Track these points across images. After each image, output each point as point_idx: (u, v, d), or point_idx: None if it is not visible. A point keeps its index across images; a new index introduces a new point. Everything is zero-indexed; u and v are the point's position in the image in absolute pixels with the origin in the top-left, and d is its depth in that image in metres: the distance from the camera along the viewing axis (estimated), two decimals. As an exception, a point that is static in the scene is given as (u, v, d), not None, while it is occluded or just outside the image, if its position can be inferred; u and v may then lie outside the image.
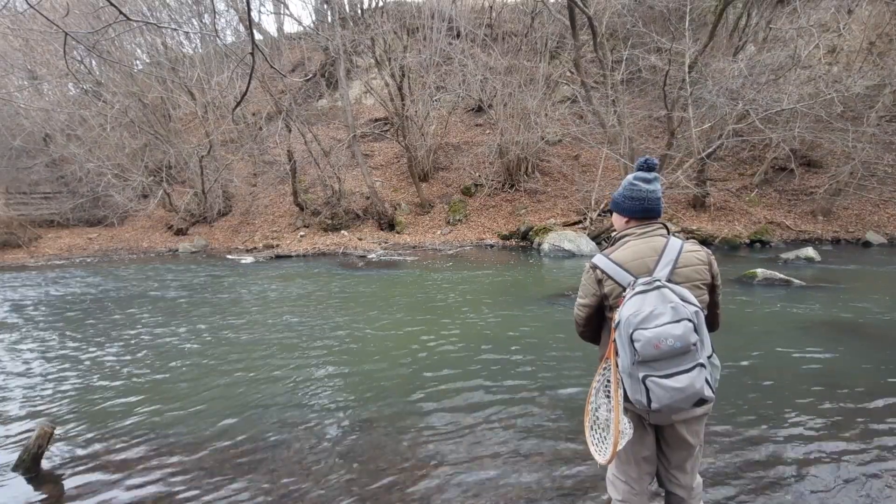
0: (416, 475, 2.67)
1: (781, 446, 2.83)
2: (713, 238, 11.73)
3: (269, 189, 17.59)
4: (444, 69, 16.62)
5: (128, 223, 17.06)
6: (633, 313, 1.43)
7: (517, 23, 19.75)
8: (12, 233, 14.76)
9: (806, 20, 11.18)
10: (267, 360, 4.66)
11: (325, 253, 13.00)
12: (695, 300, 1.45)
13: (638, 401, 1.44)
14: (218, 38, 17.30)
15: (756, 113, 10.94)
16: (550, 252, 11.30)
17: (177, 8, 18.79)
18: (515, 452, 2.85)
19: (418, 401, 3.61)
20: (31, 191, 17.41)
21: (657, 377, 1.39)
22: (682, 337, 1.36)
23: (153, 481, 2.72)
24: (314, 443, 3.06)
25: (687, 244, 1.61)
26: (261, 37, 22.93)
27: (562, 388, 3.74)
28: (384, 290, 7.91)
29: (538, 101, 14.13)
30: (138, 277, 9.99)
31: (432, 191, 16.34)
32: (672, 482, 1.73)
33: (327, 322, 5.94)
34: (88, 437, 3.26)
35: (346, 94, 16.29)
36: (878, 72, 12.58)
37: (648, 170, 1.67)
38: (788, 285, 7.03)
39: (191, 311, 6.84)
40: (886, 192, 12.66)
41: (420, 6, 18.93)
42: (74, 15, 14.40)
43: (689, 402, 1.39)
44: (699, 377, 1.38)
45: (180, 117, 19.86)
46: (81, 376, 4.42)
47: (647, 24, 13.84)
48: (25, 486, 2.74)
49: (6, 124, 16.67)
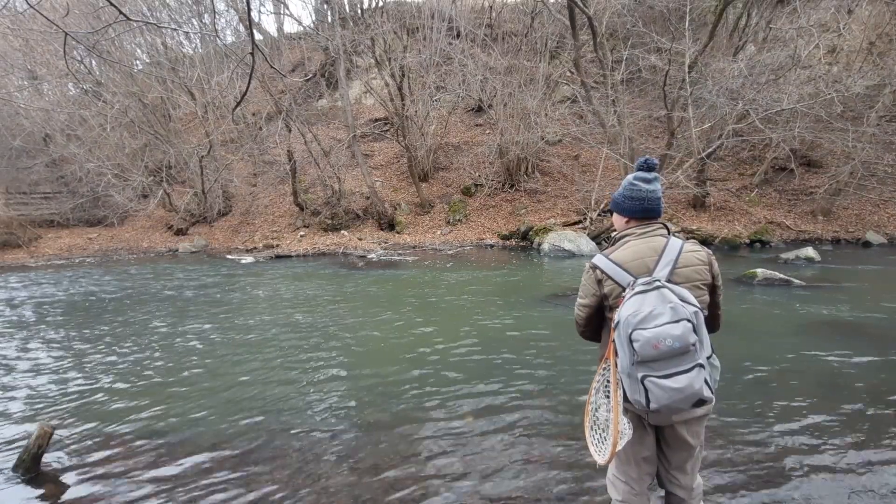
0: (416, 475, 2.67)
1: (781, 446, 2.83)
2: (713, 238, 11.73)
3: (269, 189, 17.58)
4: (444, 69, 16.61)
5: (128, 223, 17.06)
6: (633, 313, 1.42)
7: (517, 23, 19.75)
8: (12, 233, 14.75)
9: (806, 20, 11.18)
10: (267, 360, 4.66)
11: (325, 253, 13.00)
12: (694, 300, 1.45)
13: (637, 401, 1.44)
14: (218, 38, 17.32)
15: (756, 113, 10.93)
16: (550, 252, 11.30)
17: (177, 8, 18.80)
18: (516, 452, 2.85)
19: (418, 401, 3.61)
20: (31, 191, 17.40)
21: (656, 377, 1.38)
22: (680, 337, 1.36)
23: (153, 481, 2.72)
24: (314, 443, 3.06)
25: (687, 244, 1.60)
26: (261, 37, 22.94)
27: (562, 388, 3.74)
28: (384, 290, 7.91)
29: (538, 101, 14.13)
30: (138, 277, 9.99)
31: (432, 191, 16.34)
32: (672, 483, 1.73)
33: (327, 322, 5.94)
34: (88, 437, 3.26)
35: (346, 94, 16.29)
36: (878, 72, 12.58)
37: (648, 170, 1.67)
38: (788, 285, 7.03)
39: (190, 311, 6.84)
40: (886, 192, 12.65)
41: (420, 6, 18.93)
42: (74, 15, 14.39)
43: (688, 402, 1.39)
44: (698, 377, 1.37)
45: (180, 117, 19.86)
46: (81, 376, 4.42)
47: (647, 24, 13.84)
48: (25, 486, 2.74)
49: (6, 124, 16.66)
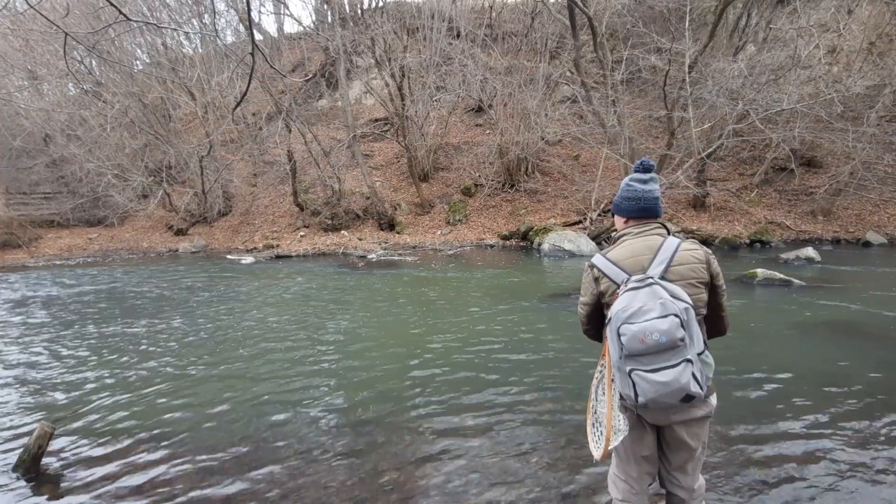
0: (416, 475, 2.67)
1: (781, 446, 2.82)
2: (713, 238, 11.73)
3: (269, 189, 17.59)
4: (444, 69, 16.62)
5: (128, 223, 17.06)
6: (622, 308, 1.45)
7: (517, 23, 19.77)
8: (12, 233, 14.76)
9: (806, 20, 11.19)
10: (267, 360, 4.66)
11: (325, 253, 13.00)
12: (686, 297, 1.46)
13: (627, 395, 1.47)
14: (218, 38, 17.33)
15: (756, 113, 10.94)
16: (550, 252, 11.30)
17: (177, 8, 18.81)
18: (516, 452, 2.85)
19: (419, 401, 3.61)
20: (32, 191, 17.41)
21: (642, 371, 1.40)
22: (667, 332, 1.37)
23: (153, 481, 2.72)
24: (314, 443, 3.06)
25: (685, 243, 1.61)
26: (261, 37, 22.95)
27: (562, 388, 3.74)
28: (384, 290, 7.91)
29: (538, 101, 14.13)
30: (138, 278, 9.99)
31: (432, 191, 16.34)
32: (673, 483, 1.72)
33: (327, 322, 5.94)
34: (88, 438, 3.26)
35: (346, 94, 16.30)
36: (878, 72, 12.57)
37: (644, 171, 1.71)
38: (788, 285, 7.03)
39: (191, 311, 6.84)
40: (886, 192, 12.65)
41: (420, 6, 18.94)
42: (74, 15, 14.40)
43: (675, 397, 1.39)
44: (685, 372, 1.38)
45: (180, 117, 19.88)
46: (81, 376, 4.42)
47: (647, 24, 13.84)
48: (25, 486, 2.74)
49: (6, 124, 16.67)
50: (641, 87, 15.67)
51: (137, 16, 14.50)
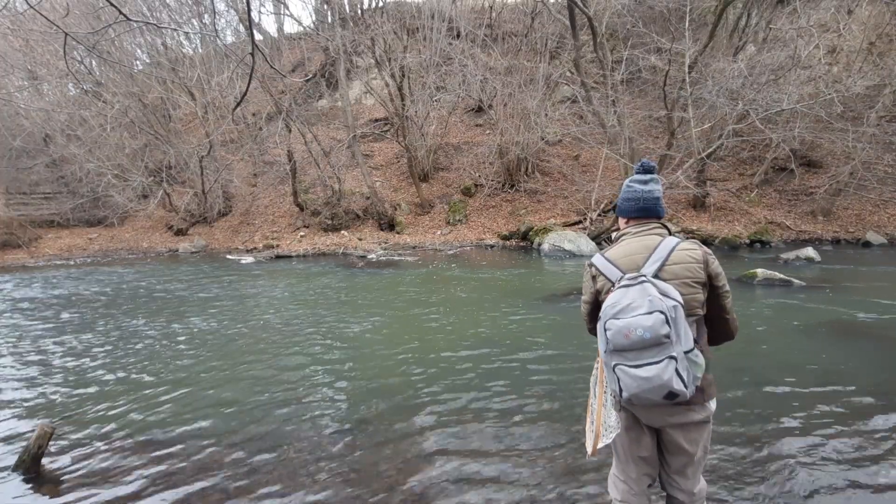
0: (416, 476, 2.66)
1: (781, 446, 2.82)
2: (713, 238, 11.73)
3: (269, 189, 17.59)
4: (444, 69, 16.62)
5: (128, 223, 17.07)
6: (611, 304, 1.47)
7: (517, 23, 19.78)
8: (12, 233, 14.77)
9: (806, 20, 11.19)
10: (267, 360, 4.66)
11: (325, 253, 13.01)
12: (677, 295, 1.45)
13: (614, 390, 1.49)
14: (218, 38, 17.34)
15: (756, 113, 10.93)
16: (550, 252, 11.30)
17: (177, 8, 18.83)
18: (517, 452, 2.85)
19: (419, 401, 3.61)
20: (31, 191, 17.42)
21: (626, 366, 1.42)
22: (651, 328, 1.37)
23: (153, 482, 2.72)
24: (315, 443, 3.06)
25: (684, 243, 1.61)
26: (261, 37, 22.96)
27: (562, 388, 3.74)
28: (384, 290, 7.91)
29: (538, 101, 14.13)
30: (138, 278, 9.99)
31: (432, 191, 16.34)
32: (673, 486, 1.72)
33: (327, 322, 5.94)
34: (88, 438, 3.26)
35: (346, 94, 16.30)
36: (878, 72, 12.57)
37: (645, 172, 1.73)
38: (788, 285, 7.03)
39: (191, 311, 6.84)
40: (886, 192, 12.65)
41: (420, 6, 18.95)
42: (74, 15, 14.41)
43: (657, 393, 1.39)
44: (667, 369, 1.38)
45: (180, 117, 19.88)
46: (82, 376, 4.42)
47: (647, 24, 13.84)
48: (25, 486, 2.74)
49: (6, 124, 16.67)
50: (641, 87, 15.67)
51: (137, 16, 14.50)
